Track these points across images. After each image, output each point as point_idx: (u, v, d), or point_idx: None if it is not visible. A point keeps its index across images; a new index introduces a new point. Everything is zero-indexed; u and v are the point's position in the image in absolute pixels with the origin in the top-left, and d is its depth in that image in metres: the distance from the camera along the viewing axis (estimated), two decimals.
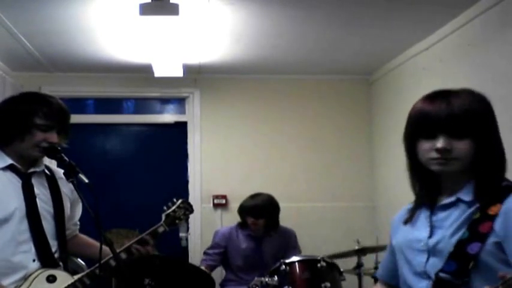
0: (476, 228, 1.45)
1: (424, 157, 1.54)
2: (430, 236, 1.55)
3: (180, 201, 2.73)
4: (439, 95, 1.55)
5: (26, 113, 2.18)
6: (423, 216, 1.60)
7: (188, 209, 2.74)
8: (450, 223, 1.52)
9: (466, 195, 1.52)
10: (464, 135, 1.48)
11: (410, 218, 1.65)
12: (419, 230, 1.59)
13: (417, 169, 1.60)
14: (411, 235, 1.61)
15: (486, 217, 1.45)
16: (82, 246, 2.55)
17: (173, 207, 2.70)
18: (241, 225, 4.03)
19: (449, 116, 1.48)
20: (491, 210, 1.45)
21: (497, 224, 1.44)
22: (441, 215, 1.56)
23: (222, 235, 4.02)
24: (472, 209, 1.50)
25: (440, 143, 1.49)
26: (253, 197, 4.00)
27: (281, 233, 4.07)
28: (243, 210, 3.97)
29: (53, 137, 2.20)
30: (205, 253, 4.04)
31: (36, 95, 2.34)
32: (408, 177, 1.65)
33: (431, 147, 1.51)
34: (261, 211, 3.91)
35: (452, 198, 1.55)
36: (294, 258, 3.26)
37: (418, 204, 1.64)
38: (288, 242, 4.07)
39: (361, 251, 3.71)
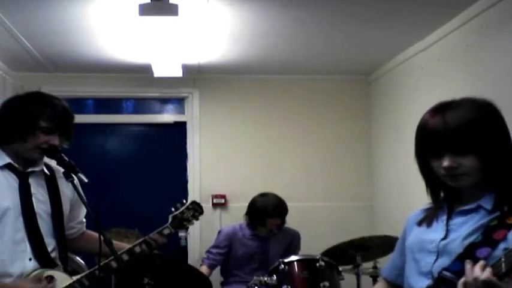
0: (491, 234, 1.44)
1: (438, 174, 1.54)
2: (444, 238, 1.54)
3: (189, 202, 2.65)
4: (438, 110, 1.53)
5: (31, 115, 2.17)
6: (440, 219, 1.59)
7: (198, 210, 2.65)
8: (467, 228, 1.51)
9: (487, 203, 1.51)
10: (467, 152, 1.46)
11: (426, 220, 1.64)
12: (435, 232, 1.58)
13: (437, 182, 1.58)
14: (425, 236, 1.60)
15: (503, 225, 1.44)
16: (91, 243, 2.50)
17: (181, 209, 2.62)
18: (252, 227, 3.92)
19: (445, 134, 1.47)
20: (510, 220, 1.44)
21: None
22: (459, 219, 1.55)
23: (226, 234, 3.97)
24: (491, 216, 1.49)
25: (445, 162, 1.48)
26: (264, 195, 3.92)
27: (287, 233, 4.04)
28: (269, 212, 3.80)
29: (55, 140, 2.20)
30: (207, 252, 4.01)
31: (41, 96, 2.32)
32: (427, 190, 1.64)
33: (439, 166, 1.51)
34: (283, 210, 3.86)
35: (472, 205, 1.53)
36: (293, 258, 3.26)
37: (436, 207, 1.63)
38: (292, 242, 4.05)
39: (359, 246, 3.69)
